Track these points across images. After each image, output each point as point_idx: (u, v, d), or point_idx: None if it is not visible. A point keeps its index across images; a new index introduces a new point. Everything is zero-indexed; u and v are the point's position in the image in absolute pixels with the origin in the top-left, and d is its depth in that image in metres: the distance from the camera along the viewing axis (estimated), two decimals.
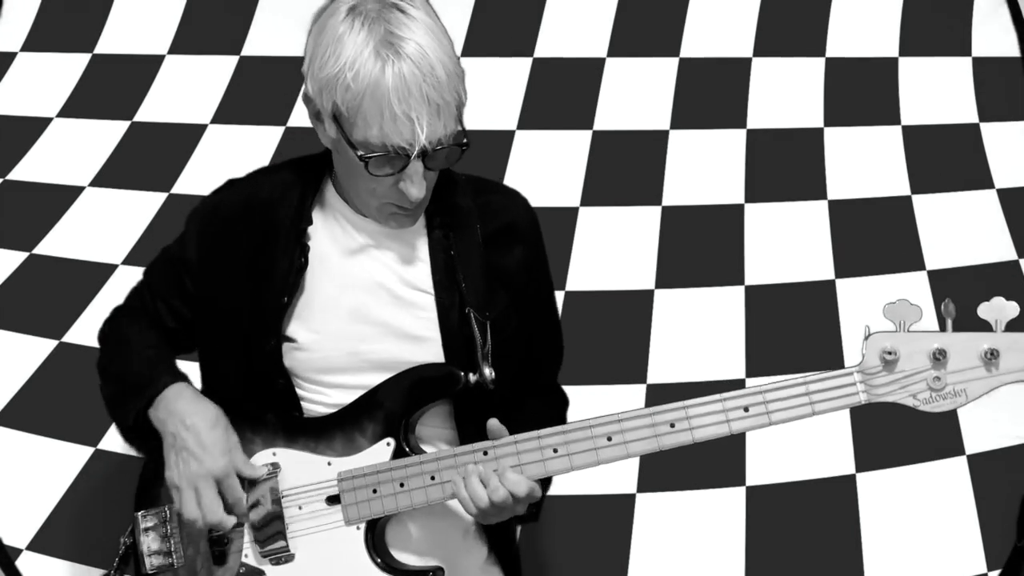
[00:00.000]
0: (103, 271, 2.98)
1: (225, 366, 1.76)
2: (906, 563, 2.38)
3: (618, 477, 2.53)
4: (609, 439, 1.60)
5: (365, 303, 1.70)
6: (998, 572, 2.35)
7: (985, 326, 1.50)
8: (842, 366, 2.63)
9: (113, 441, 2.67)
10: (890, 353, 1.54)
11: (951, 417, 2.56)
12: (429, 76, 1.55)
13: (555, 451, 1.61)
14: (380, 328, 1.70)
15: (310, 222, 1.73)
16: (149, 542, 1.73)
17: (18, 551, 2.53)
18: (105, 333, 1.88)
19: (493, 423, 1.61)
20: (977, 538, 2.39)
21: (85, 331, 2.84)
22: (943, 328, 1.52)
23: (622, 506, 2.50)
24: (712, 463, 2.54)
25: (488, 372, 1.67)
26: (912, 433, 2.55)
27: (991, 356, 1.50)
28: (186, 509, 1.66)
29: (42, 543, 2.54)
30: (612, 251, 2.94)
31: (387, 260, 1.72)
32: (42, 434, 2.71)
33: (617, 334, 2.77)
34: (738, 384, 2.61)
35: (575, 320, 2.72)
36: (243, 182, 1.82)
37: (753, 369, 2.66)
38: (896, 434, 2.55)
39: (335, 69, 1.57)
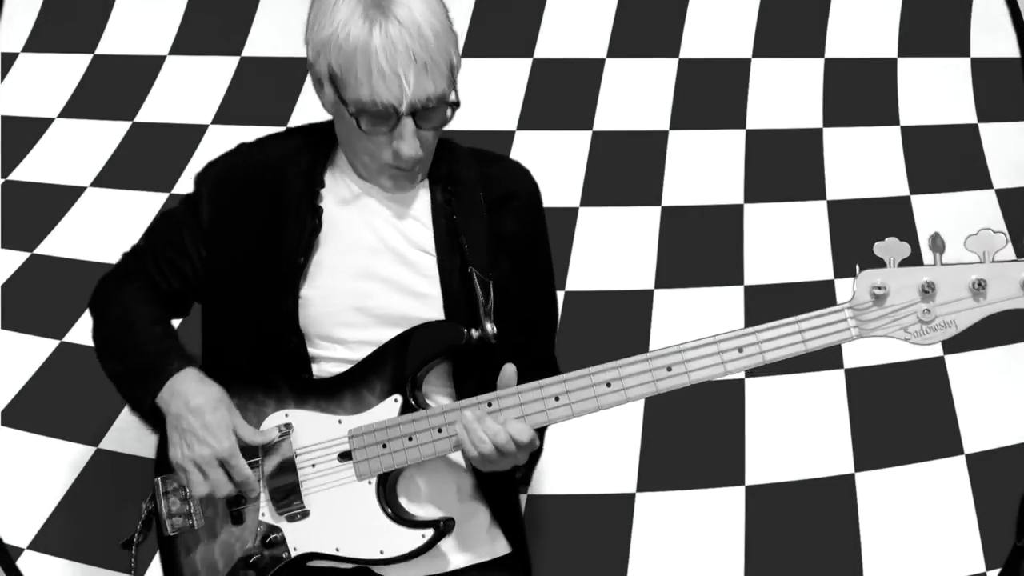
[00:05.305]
0: (104, 271, 2.98)
1: (232, 329, 1.81)
2: (905, 562, 2.39)
3: (618, 477, 2.54)
4: (608, 385, 1.64)
5: (372, 262, 1.77)
6: (997, 571, 2.35)
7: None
8: (842, 365, 2.65)
9: (113, 441, 2.67)
10: (880, 288, 1.56)
11: (950, 417, 2.56)
12: (416, 36, 1.64)
13: (556, 399, 1.66)
14: (385, 284, 1.77)
15: (322, 185, 1.80)
16: (169, 505, 1.79)
17: (19, 551, 2.53)
18: (101, 302, 1.90)
19: (508, 366, 1.67)
20: (976, 537, 2.39)
21: (86, 331, 2.83)
22: (932, 263, 1.56)
23: (622, 506, 2.50)
24: (711, 463, 2.55)
25: (490, 327, 1.72)
26: (911, 432, 2.55)
27: (979, 286, 1.53)
28: (195, 489, 1.72)
29: (43, 543, 2.55)
30: (612, 251, 2.94)
31: (393, 223, 1.79)
32: (43, 434, 2.72)
33: (617, 334, 2.77)
34: (737, 383, 2.62)
35: (575, 320, 2.73)
36: (253, 146, 1.89)
37: (752, 368, 2.66)
38: (895, 433, 2.55)
39: (329, 31, 1.67)
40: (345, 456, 1.73)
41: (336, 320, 1.77)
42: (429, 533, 1.70)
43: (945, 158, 3.05)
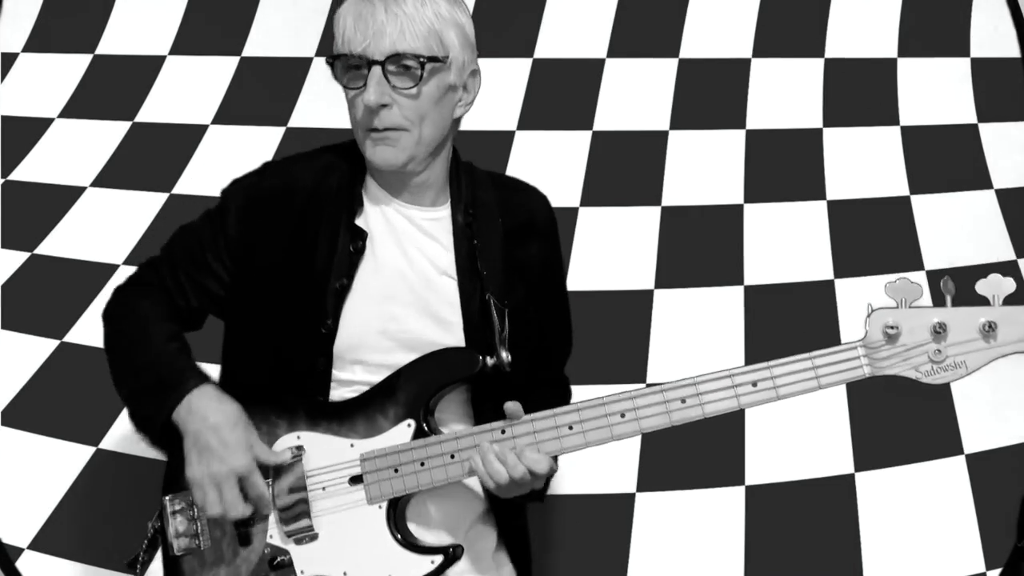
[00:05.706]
0: (104, 271, 2.99)
1: (255, 346, 1.80)
2: (905, 562, 2.39)
3: (618, 477, 2.54)
4: (622, 415, 1.66)
5: (397, 285, 1.77)
6: (997, 572, 2.35)
7: (983, 302, 1.56)
8: None
9: (114, 441, 2.68)
10: (892, 327, 1.58)
11: (950, 417, 2.56)
12: None
13: (570, 428, 1.67)
14: (410, 308, 1.77)
15: (361, 204, 1.80)
16: (176, 525, 1.77)
17: (19, 551, 2.54)
18: (116, 313, 1.87)
19: (510, 404, 1.67)
20: (976, 537, 2.40)
21: (86, 331, 2.85)
22: (943, 304, 1.58)
23: (622, 506, 2.51)
24: (711, 463, 2.55)
25: (505, 356, 1.73)
26: (911, 433, 2.55)
27: (989, 328, 1.56)
28: (209, 507, 1.70)
29: (43, 543, 2.55)
30: (612, 251, 2.94)
31: (419, 245, 1.79)
32: (43, 434, 2.72)
33: (617, 334, 2.77)
34: None
35: (575, 320, 2.72)
36: (282, 165, 1.88)
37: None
38: (895, 433, 2.55)
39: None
40: (356, 480, 1.72)
41: (361, 342, 1.76)
42: (438, 559, 1.69)
43: (945, 158, 3.05)
